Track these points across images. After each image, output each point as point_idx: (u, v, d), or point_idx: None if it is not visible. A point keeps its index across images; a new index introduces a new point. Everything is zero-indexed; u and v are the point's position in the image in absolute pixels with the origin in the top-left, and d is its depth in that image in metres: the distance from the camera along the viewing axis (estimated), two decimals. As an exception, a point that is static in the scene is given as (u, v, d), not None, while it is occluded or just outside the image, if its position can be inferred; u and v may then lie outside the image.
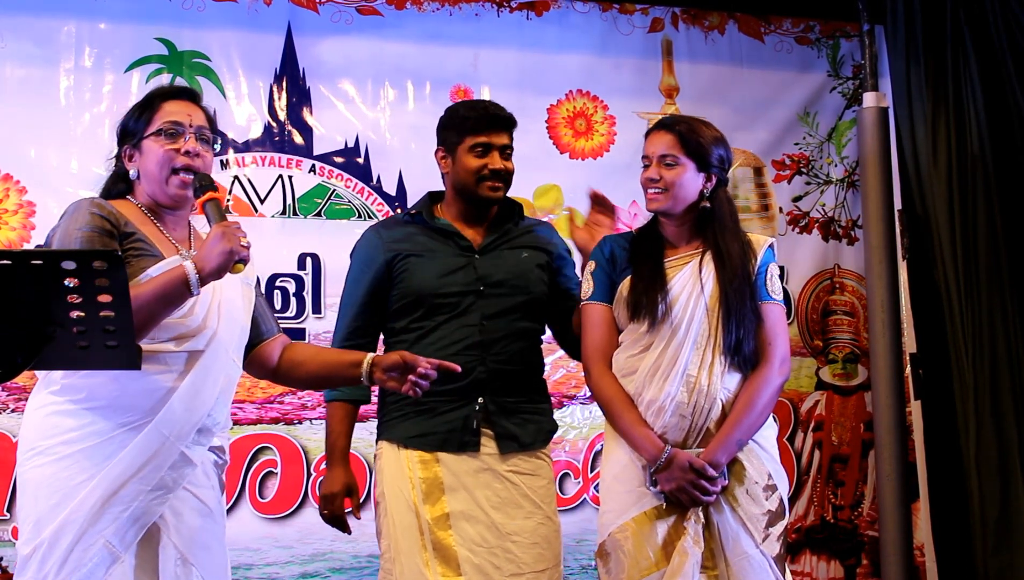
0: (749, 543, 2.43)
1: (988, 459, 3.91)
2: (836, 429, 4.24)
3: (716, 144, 2.56)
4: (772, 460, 2.54)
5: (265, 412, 3.62)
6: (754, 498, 2.47)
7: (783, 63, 4.30)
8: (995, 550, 3.86)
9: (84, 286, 1.53)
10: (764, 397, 2.48)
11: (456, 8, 3.97)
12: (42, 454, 2.08)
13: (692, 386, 2.46)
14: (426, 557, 2.53)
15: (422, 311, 2.65)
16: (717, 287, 2.49)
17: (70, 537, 2.03)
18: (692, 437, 2.47)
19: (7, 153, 3.49)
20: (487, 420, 2.62)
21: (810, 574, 4.14)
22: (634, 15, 4.16)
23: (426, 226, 2.73)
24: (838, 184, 4.34)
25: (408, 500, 2.58)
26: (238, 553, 3.47)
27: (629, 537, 2.45)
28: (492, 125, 2.69)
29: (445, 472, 2.58)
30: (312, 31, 3.82)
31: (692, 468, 2.41)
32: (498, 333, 2.65)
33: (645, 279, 2.53)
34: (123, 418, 2.08)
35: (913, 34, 4.12)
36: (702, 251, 2.55)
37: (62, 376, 2.08)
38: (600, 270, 2.61)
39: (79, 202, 2.15)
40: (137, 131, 2.22)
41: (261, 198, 3.72)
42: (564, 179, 4.01)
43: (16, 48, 3.54)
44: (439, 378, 2.53)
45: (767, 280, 2.55)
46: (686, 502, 2.43)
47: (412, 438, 2.62)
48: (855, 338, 4.30)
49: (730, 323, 2.47)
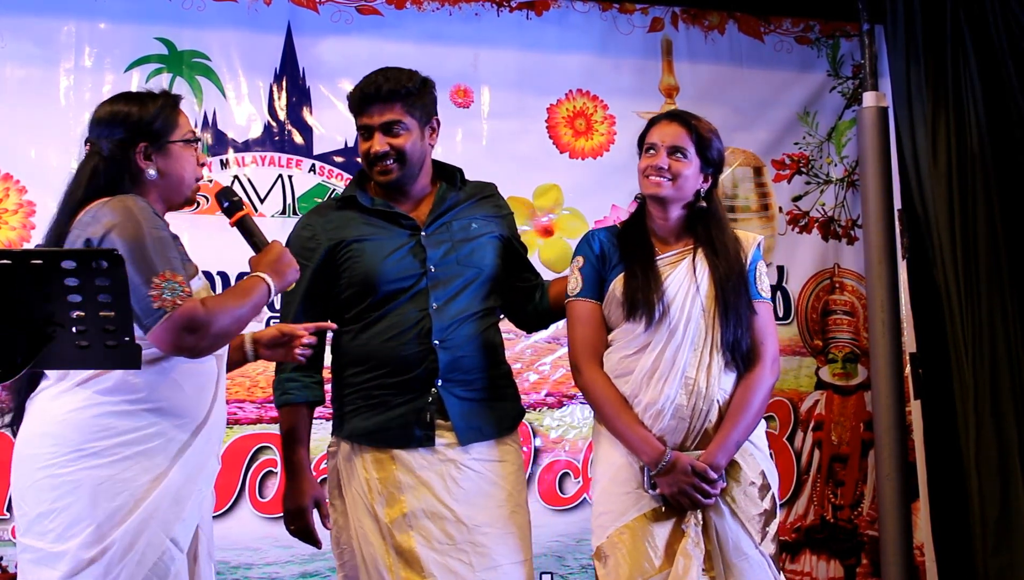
0: (749, 544, 2.43)
1: (988, 459, 3.90)
2: (836, 429, 4.24)
3: (721, 148, 2.57)
4: (765, 459, 2.53)
5: (265, 412, 3.62)
6: (751, 498, 2.46)
7: (783, 63, 4.30)
8: (995, 550, 3.86)
9: (84, 286, 1.53)
10: (759, 397, 2.47)
11: (456, 8, 3.97)
12: (95, 455, 2.04)
13: (691, 388, 2.44)
14: (389, 562, 2.41)
15: (370, 300, 2.50)
16: (712, 285, 2.47)
17: (143, 538, 2.04)
18: (691, 439, 2.46)
19: (7, 153, 3.50)
20: (443, 412, 2.47)
21: (810, 574, 4.14)
22: (634, 15, 4.16)
23: (364, 209, 2.56)
24: (838, 184, 4.34)
25: (366, 504, 2.45)
26: (238, 552, 3.47)
27: (628, 540, 2.43)
28: (367, 103, 2.52)
29: (401, 470, 2.44)
30: (312, 31, 3.82)
31: (694, 471, 2.39)
32: (449, 317, 2.49)
33: (640, 278, 2.48)
34: (178, 420, 2.12)
35: (913, 34, 4.12)
36: (694, 248, 2.53)
37: (120, 376, 2.06)
38: (589, 266, 2.55)
39: (131, 200, 2.10)
40: (163, 133, 2.22)
41: (261, 198, 3.72)
42: (564, 179, 4.01)
43: (16, 48, 3.55)
44: (389, 370, 2.47)
45: (757, 278, 2.54)
46: (686, 505, 2.41)
47: (362, 435, 2.48)
48: (855, 338, 4.30)
49: (728, 321, 2.45)
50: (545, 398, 3.88)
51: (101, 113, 2.24)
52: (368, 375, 2.51)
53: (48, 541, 2.04)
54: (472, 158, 3.55)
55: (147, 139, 2.20)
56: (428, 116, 2.58)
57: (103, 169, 2.18)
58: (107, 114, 2.23)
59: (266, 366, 3.62)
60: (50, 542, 2.04)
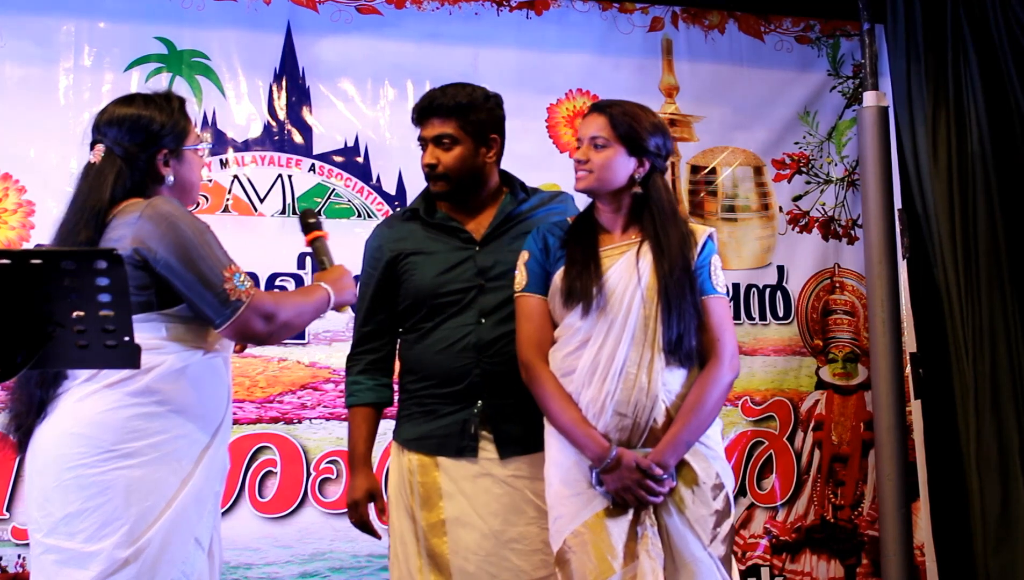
0: (697, 545, 2.36)
1: (988, 459, 3.91)
2: (836, 429, 4.24)
3: (653, 130, 2.46)
4: (718, 458, 2.45)
5: (264, 411, 3.61)
6: (702, 499, 2.38)
7: (783, 62, 4.30)
8: (995, 550, 3.86)
9: (84, 286, 1.53)
10: (713, 396, 2.39)
11: (456, 7, 3.96)
12: (128, 457, 2.06)
13: (631, 384, 2.36)
14: (419, 564, 2.50)
15: (424, 312, 2.58)
16: (655, 278, 2.39)
17: (174, 538, 2.08)
18: (636, 436, 2.38)
19: (7, 153, 3.49)
20: (486, 423, 2.52)
21: (810, 574, 4.14)
22: (634, 14, 4.16)
23: (426, 222, 2.65)
24: (838, 183, 4.34)
25: (407, 505, 2.54)
26: (238, 552, 3.47)
27: (586, 541, 2.35)
28: (423, 116, 2.61)
29: (443, 477, 2.51)
30: (312, 30, 3.82)
31: (639, 468, 2.32)
32: (495, 331, 2.54)
33: (578, 264, 2.42)
34: (201, 422, 2.16)
35: (913, 33, 4.12)
36: (640, 241, 2.45)
37: (148, 378, 2.09)
38: (533, 260, 2.49)
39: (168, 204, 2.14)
40: (179, 139, 2.26)
41: (261, 197, 3.71)
42: (564, 178, 3.99)
43: (16, 48, 3.54)
44: (438, 381, 2.53)
45: (711, 273, 2.45)
46: (631, 502, 2.35)
47: (412, 441, 2.57)
48: (855, 337, 4.30)
49: (670, 318, 2.36)
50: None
51: (120, 115, 2.23)
52: (420, 384, 2.59)
53: (79, 541, 2.04)
54: (472, 158, 3.55)
55: (167, 146, 2.24)
56: (484, 132, 2.62)
57: (128, 172, 2.20)
58: (128, 117, 2.22)
59: (266, 366, 3.63)
60: (81, 542, 2.04)
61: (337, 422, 3.61)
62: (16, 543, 3.34)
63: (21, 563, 3.34)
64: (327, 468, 3.62)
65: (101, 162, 2.21)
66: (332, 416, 3.64)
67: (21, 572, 3.32)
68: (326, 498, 3.61)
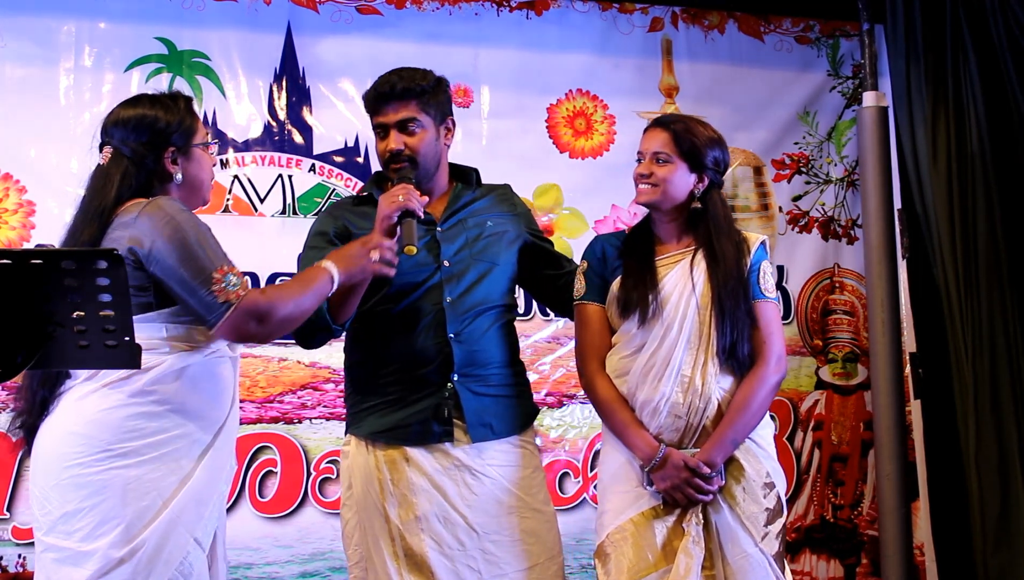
0: (748, 542, 2.43)
1: (988, 459, 3.90)
2: (836, 428, 4.24)
3: (711, 145, 2.56)
4: (769, 458, 2.53)
5: (265, 411, 3.62)
6: (752, 497, 2.46)
7: (783, 62, 4.30)
8: (995, 550, 3.86)
9: (84, 286, 1.53)
10: (760, 395, 2.47)
11: (456, 7, 3.96)
12: (125, 456, 2.07)
13: (686, 386, 2.45)
14: (397, 565, 2.42)
15: (383, 293, 2.48)
16: (709, 287, 2.48)
17: (171, 538, 2.07)
18: (688, 437, 2.47)
19: (7, 153, 3.49)
20: (459, 408, 2.46)
21: (810, 573, 4.14)
22: (634, 14, 4.16)
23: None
24: (838, 183, 4.34)
25: (377, 504, 2.45)
26: (238, 552, 3.47)
27: (628, 537, 2.44)
28: (382, 102, 2.53)
29: (415, 472, 2.44)
30: (312, 30, 3.82)
31: (687, 467, 2.41)
32: (463, 310, 2.49)
33: (634, 275, 2.52)
34: (201, 422, 2.16)
35: (913, 33, 4.12)
36: (694, 250, 2.54)
37: (148, 378, 2.09)
38: (591, 270, 2.61)
39: (168, 202, 2.15)
40: (187, 137, 2.27)
41: (261, 198, 3.72)
42: (564, 179, 4.01)
43: (16, 48, 3.55)
44: (404, 362, 2.46)
45: (760, 277, 2.54)
46: (681, 501, 2.43)
47: (380, 433, 2.47)
48: (855, 337, 4.30)
49: (724, 325, 2.46)
50: (545, 398, 3.88)
51: (125, 116, 2.25)
52: (383, 370, 2.51)
53: (75, 540, 2.06)
54: (472, 158, 3.51)
55: (174, 144, 2.25)
56: (443, 115, 2.59)
57: (134, 172, 2.21)
58: (133, 118, 2.24)
59: (266, 366, 3.63)
60: (77, 541, 2.05)
61: (337, 422, 3.61)
62: (16, 543, 3.35)
63: (22, 563, 3.34)
64: (327, 468, 3.63)
65: (108, 163, 2.23)
66: (332, 416, 3.64)
67: (21, 572, 3.33)
68: (326, 498, 3.61)
